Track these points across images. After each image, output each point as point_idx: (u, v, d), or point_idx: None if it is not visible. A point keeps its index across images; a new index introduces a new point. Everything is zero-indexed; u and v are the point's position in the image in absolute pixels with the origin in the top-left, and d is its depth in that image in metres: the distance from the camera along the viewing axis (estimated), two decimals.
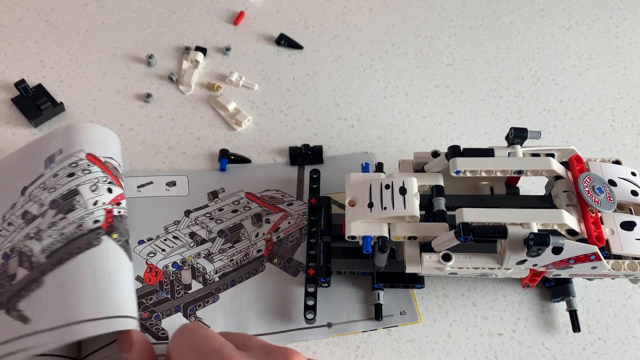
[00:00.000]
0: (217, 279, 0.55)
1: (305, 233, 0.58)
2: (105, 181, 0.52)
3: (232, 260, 0.56)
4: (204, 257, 0.56)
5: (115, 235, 0.49)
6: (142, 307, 0.53)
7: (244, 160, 0.63)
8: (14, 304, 0.46)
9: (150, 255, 0.56)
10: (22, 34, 0.72)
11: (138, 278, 0.55)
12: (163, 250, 0.57)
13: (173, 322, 0.52)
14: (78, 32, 0.73)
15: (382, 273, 0.54)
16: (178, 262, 0.56)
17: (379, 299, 0.53)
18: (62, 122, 0.65)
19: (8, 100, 0.66)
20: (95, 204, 0.51)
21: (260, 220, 0.59)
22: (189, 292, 0.54)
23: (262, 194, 0.61)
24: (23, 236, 0.50)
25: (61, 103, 0.65)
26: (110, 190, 0.52)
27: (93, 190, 0.51)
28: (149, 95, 0.67)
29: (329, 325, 0.53)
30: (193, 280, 0.55)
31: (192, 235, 0.58)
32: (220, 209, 0.60)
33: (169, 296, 0.54)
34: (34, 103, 0.64)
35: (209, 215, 0.59)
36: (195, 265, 0.56)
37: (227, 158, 0.62)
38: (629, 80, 0.72)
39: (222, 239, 0.57)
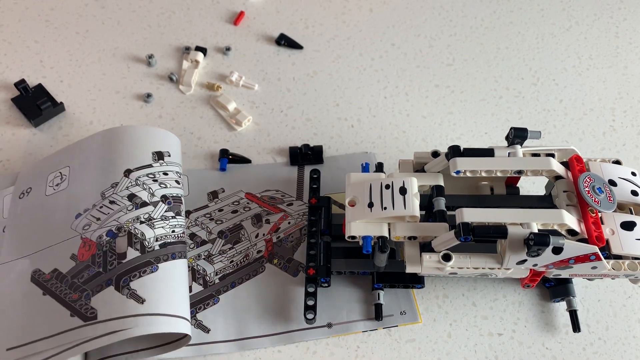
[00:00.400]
0: (217, 281, 0.55)
1: (305, 233, 0.58)
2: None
3: (232, 261, 0.56)
4: (204, 259, 0.56)
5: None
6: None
7: (244, 160, 0.63)
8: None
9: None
10: (22, 34, 0.72)
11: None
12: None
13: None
14: (78, 32, 0.73)
15: (382, 273, 0.54)
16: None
17: (379, 299, 0.53)
18: (62, 121, 0.65)
19: (8, 100, 0.66)
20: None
21: (260, 221, 0.59)
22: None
23: (262, 194, 0.61)
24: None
25: (61, 103, 0.65)
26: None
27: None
28: (149, 95, 0.67)
29: (329, 325, 0.53)
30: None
31: (192, 236, 0.58)
32: (220, 209, 0.59)
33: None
34: (34, 103, 0.64)
35: (208, 215, 0.59)
36: (195, 267, 0.56)
37: (227, 158, 0.62)
38: (629, 80, 0.72)
39: (222, 240, 0.57)
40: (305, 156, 0.63)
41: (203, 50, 0.70)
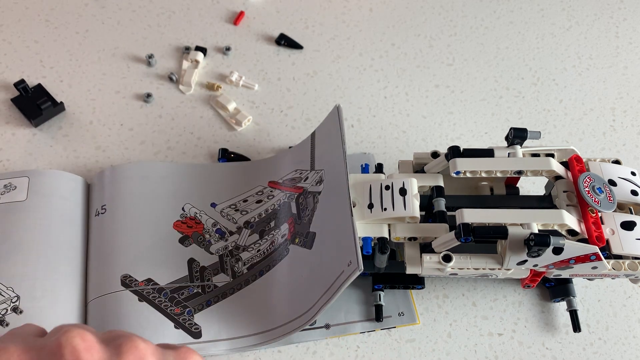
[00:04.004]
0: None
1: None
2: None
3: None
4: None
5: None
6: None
7: (243, 159, 0.63)
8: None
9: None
10: (22, 34, 0.72)
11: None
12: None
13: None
14: (78, 32, 0.72)
15: (382, 274, 0.54)
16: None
17: (380, 300, 0.53)
18: (62, 121, 0.65)
19: (8, 100, 0.66)
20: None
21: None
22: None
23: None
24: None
25: (61, 103, 0.65)
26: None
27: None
28: (149, 95, 0.67)
29: (327, 326, 0.53)
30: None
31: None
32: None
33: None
34: (34, 103, 0.64)
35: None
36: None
37: (226, 158, 0.62)
38: (629, 80, 0.72)
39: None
40: None
41: (203, 50, 0.70)
